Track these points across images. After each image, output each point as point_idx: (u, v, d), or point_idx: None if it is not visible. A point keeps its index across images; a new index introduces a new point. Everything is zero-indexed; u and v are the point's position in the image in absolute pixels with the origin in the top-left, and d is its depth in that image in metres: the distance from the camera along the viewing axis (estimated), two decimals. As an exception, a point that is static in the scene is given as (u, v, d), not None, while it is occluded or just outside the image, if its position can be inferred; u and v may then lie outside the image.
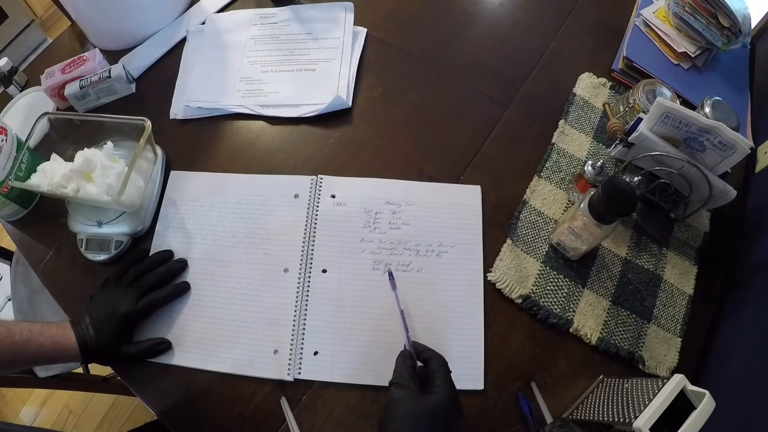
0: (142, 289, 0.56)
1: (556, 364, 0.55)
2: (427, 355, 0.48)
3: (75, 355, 0.52)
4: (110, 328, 0.53)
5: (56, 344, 0.51)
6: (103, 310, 0.53)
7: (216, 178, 0.65)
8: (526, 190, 0.64)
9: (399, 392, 0.44)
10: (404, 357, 0.48)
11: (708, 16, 0.70)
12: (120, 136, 0.62)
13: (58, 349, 0.51)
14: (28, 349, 0.49)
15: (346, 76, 0.72)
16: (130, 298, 0.55)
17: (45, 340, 0.50)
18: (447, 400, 0.44)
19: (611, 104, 0.70)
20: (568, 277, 0.59)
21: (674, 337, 0.57)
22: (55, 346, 0.51)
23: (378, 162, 0.66)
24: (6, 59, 0.75)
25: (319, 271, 0.59)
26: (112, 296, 0.55)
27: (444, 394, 0.44)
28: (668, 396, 0.41)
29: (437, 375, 0.45)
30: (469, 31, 0.78)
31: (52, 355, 0.51)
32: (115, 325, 0.53)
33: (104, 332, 0.52)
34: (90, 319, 0.53)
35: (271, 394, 0.54)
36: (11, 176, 0.58)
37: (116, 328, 0.53)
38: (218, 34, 0.79)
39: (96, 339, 0.52)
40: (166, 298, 0.57)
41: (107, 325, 0.53)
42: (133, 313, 0.54)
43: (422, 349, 0.49)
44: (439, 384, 0.44)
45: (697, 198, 0.60)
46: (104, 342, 0.52)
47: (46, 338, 0.51)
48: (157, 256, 0.60)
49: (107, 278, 0.57)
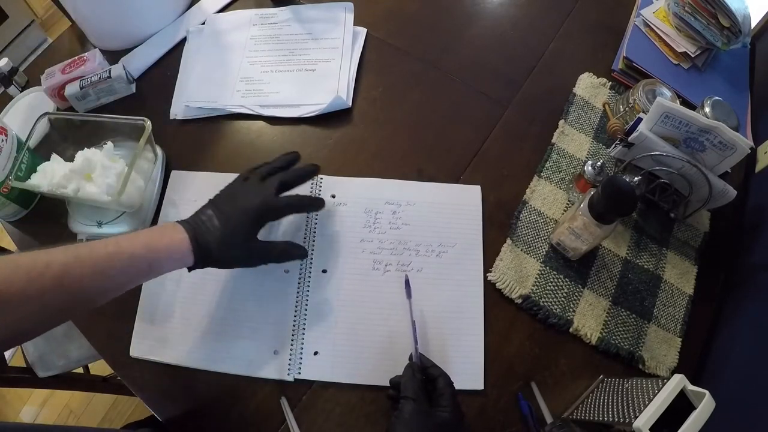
0: (282, 184, 0.52)
1: (556, 364, 0.55)
2: (434, 373, 0.48)
3: (181, 256, 0.46)
4: (247, 218, 0.49)
5: (150, 249, 0.44)
6: (236, 203, 0.49)
7: (216, 178, 0.65)
8: (526, 190, 0.64)
9: (410, 406, 0.44)
10: (413, 370, 0.47)
11: (708, 16, 0.70)
12: (120, 136, 0.62)
13: (155, 255, 0.45)
14: (118, 263, 0.43)
15: (346, 76, 0.72)
16: (268, 191, 0.51)
17: (136, 248, 0.44)
18: (456, 420, 0.44)
19: (611, 104, 0.70)
20: (568, 277, 0.59)
21: (674, 337, 0.57)
22: (148, 251, 0.44)
23: (378, 162, 0.66)
24: (6, 59, 0.75)
25: (319, 271, 0.58)
26: (245, 188, 0.51)
27: (453, 414, 0.44)
28: (668, 396, 0.41)
29: (445, 394, 0.45)
30: (469, 31, 0.78)
31: (149, 263, 0.45)
32: (252, 215, 0.49)
33: (237, 224, 0.48)
34: (214, 211, 0.48)
35: (271, 394, 0.54)
36: (11, 176, 0.58)
37: (254, 219, 0.49)
38: (218, 34, 0.79)
39: (223, 232, 0.47)
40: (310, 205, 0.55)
41: (242, 217, 0.48)
42: (273, 206, 0.50)
43: (429, 365, 0.49)
44: (448, 405, 0.45)
45: (697, 198, 0.60)
46: (234, 234, 0.48)
47: (137, 245, 0.44)
48: (287, 157, 0.56)
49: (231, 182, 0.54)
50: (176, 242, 0.46)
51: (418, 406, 0.44)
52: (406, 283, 0.55)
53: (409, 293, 0.54)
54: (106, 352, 0.58)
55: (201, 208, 0.51)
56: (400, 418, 0.43)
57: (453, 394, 0.46)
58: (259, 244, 0.51)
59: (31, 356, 0.90)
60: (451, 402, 0.45)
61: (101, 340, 0.58)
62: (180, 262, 0.47)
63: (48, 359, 0.89)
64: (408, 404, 0.44)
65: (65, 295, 0.41)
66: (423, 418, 0.43)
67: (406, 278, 0.55)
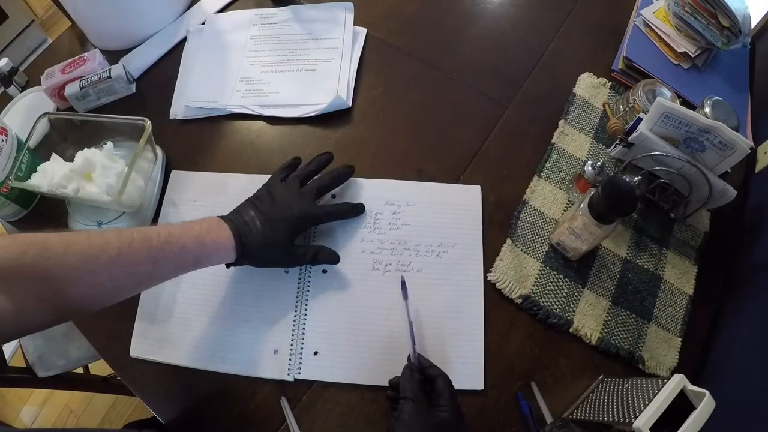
0: (319, 189, 0.56)
1: (556, 364, 0.55)
2: (433, 373, 0.48)
3: (225, 252, 0.49)
4: (288, 225, 0.52)
5: (200, 243, 0.47)
6: (277, 208, 0.53)
7: (216, 178, 0.65)
8: (526, 190, 0.64)
9: (409, 406, 0.44)
10: (411, 370, 0.47)
11: (708, 16, 0.69)
12: (120, 136, 0.63)
13: (203, 249, 0.47)
14: (169, 253, 0.45)
15: (346, 76, 0.72)
16: (308, 199, 0.54)
17: (187, 240, 0.46)
18: (456, 419, 0.44)
19: (611, 104, 0.70)
20: (568, 277, 0.59)
21: (674, 337, 0.57)
22: (198, 246, 0.47)
23: (378, 162, 0.66)
24: (6, 59, 0.75)
25: (319, 271, 0.58)
26: (285, 193, 0.54)
27: (453, 415, 0.44)
28: (668, 396, 0.41)
29: (445, 394, 0.45)
30: (469, 31, 0.78)
31: (197, 256, 0.47)
32: (293, 223, 0.52)
33: (278, 229, 0.51)
34: (257, 214, 0.51)
35: (271, 394, 0.54)
36: (11, 176, 0.58)
37: (294, 227, 0.53)
38: (218, 34, 0.79)
39: (265, 235, 0.51)
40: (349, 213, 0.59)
41: (283, 223, 0.52)
42: (313, 215, 0.54)
43: (428, 365, 0.49)
44: (447, 404, 0.45)
45: (697, 198, 0.60)
46: (275, 239, 0.51)
47: (188, 238, 0.46)
48: (320, 159, 0.60)
49: (268, 182, 0.57)
50: (222, 239, 0.49)
51: (417, 407, 0.44)
52: (402, 284, 0.55)
53: (405, 294, 0.54)
54: (106, 352, 0.58)
55: (242, 207, 0.53)
56: (399, 419, 0.43)
57: (452, 394, 0.46)
58: (296, 248, 0.55)
59: (31, 356, 0.90)
60: (450, 402, 0.45)
61: (101, 340, 0.58)
62: (224, 258, 0.50)
63: (48, 359, 0.89)
64: (407, 405, 0.44)
65: (115, 280, 0.43)
66: (422, 419, 0.43)
67: (402, 279, 0.55)
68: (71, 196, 0.57)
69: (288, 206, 0.53)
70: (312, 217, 0.55)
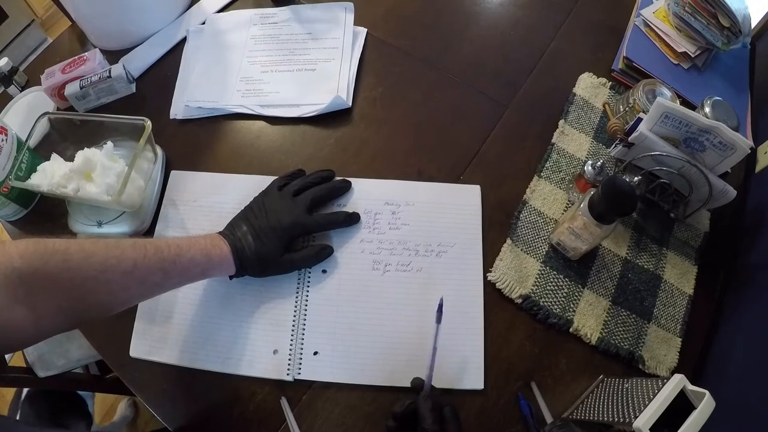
0: (314, 200, 0.56)
1: (556, 364, 0.55)
2: (441, 402, 0.47)
3: (227, 266, 0.51)
4: (276, 237, 0.52)
5: (206, 256, 0.49)
6: (268, 219, 0.53)
7: (216, 178, 0.65)
8: (526, 190, 0.64)
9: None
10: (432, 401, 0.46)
11: (708, 16, 0.70)
12: (120, 136, 0.62)
13: (209, 262, 0.49)
14: (179, 265, 0.47)
15: (346, 76, 0.72)
16: (299, 209, 0.54)
17: (195, 253, 0.48)
18: None
19: (611, 104, 0.70)
20: (568, 277, 0.59)
21: (674, 337, 0.57)
22: (205, 258, 0.49)
23: (378, 162, 0.66)
24: (6, 59, 0.75)
25: (319, 271, 0.58)
26: (277, 204, 0.55)
27: None
28: (668, 396, 0.41)
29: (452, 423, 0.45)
30: (469, 31, 0.78)
31: (203, 268, 0.49)
32: (282, 234, 0.53)
33: (268, 241, 0.52)
34: (248, 228, 0.52)
35: (271, 394, 0.54)
36: (11, 176, 0.58)
37: (283, 237, 0.53)
38: (218, 34, 0.79)
39: (256, 248, 0.52)
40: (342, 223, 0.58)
41: (272, 234, 0.52)
42: (303, 224, 0.54)
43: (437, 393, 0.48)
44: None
45: (697, 198, 0.60)
46: (266, 250, 0.52)
47: (196, 251, 0.48)
48: (321, 173, 0.61)
49: (265, 190, 0.57)
50: (225, 253, 0.51)
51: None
52: (440, 307, 0.48)
53: (439, 318, 0.48)
54: (106, 352, 0.58)
55: (235, 221, 0.55)
56: None
57: (459, 425, 0.45)
58: (291, 256, 0.55)
59: (31, 356, 0.90)
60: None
61: (101, 340, 0.58)
62: (226, 271, 0.52)
63: (48, 359, 0.89)
64: None
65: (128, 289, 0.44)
66: None
67: (441, 302, 0.48)
68: (71, 195, 0.57)
69: (278, 217, 0.54)
70: (302, 226, 0.55)
